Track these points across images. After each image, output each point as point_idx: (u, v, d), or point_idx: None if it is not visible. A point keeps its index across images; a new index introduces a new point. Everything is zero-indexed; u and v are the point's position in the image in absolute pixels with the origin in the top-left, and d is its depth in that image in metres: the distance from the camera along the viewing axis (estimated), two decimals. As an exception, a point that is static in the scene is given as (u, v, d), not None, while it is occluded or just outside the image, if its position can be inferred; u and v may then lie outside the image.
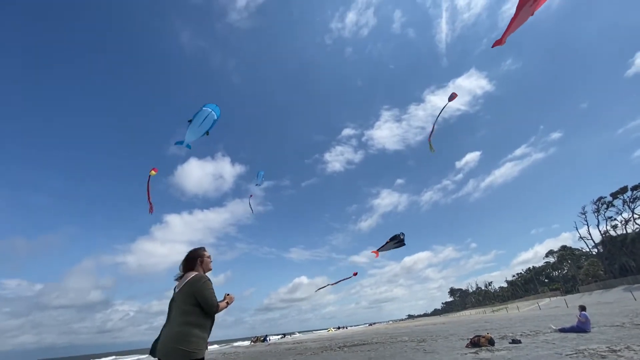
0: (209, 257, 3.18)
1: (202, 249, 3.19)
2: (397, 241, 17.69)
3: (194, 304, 2.71)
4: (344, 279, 22.55)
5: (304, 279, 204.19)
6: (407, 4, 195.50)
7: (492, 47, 9.02)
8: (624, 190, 56.58)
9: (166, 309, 2.94)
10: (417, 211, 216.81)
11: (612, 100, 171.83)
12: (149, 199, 14.14)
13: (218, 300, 2.94)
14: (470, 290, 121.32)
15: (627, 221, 57.70)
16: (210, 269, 3.19)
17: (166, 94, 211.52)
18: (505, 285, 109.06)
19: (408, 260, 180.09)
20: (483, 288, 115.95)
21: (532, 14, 7.67)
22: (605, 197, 59.30)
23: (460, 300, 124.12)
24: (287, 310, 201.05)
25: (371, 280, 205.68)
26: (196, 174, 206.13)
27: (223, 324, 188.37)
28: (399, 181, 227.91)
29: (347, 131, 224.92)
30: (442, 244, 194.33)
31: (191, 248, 3.13)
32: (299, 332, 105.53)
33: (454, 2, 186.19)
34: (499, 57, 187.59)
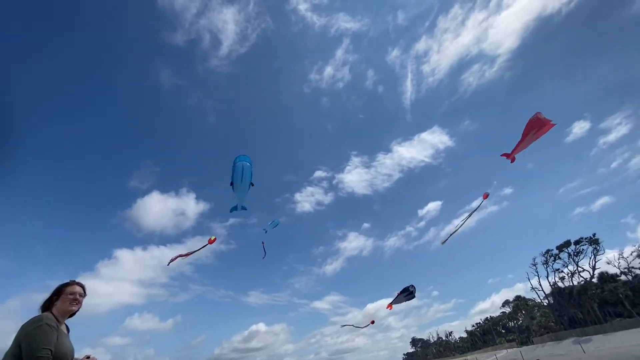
0: (72, 294, 2.42)
1: (68, 283, 2.49)
2: (407, 293, 17.62)
3: (17, 356, 1.98)
4: (366, 325, 22.08)
5: (261, 326, 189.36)
6: (379, 65, 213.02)
7: (501, 155, 11.23)
8: (567, 244, 61.02)
9: (101, 358, 2.37)
10: (382, 256, 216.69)
11: (553, 162, 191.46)
12: (181, 256, 14.27)
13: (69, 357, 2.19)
14: (432, 340, 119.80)
15: (573, 273, 61.51)
16: (70, 311, 2.42)
17: (135, 125, 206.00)
18: (465, 335, 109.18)
19: (371, 307, 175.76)
20: (444, 338, 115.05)
21: (535, 140, 9.96)
22: (552, 249, 63.43)
23: (422, 351, 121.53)
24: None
25: (333, 328, 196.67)
26: (156, 208, 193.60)
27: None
28: (366, 225, 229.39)
29: (319, 173, 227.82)
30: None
31: (140, 288, 2.53)
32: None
33: (420, 68, 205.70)
34: (458, 118, 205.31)
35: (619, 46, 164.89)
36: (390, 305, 18.34)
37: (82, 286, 2.56)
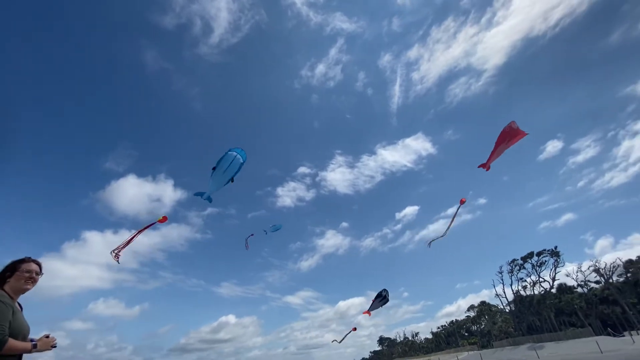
0: (28, 271, 2.33)
1: (23, 260, 2.39)
2: (381, 298, 18.35)
3: None
4: (349, 332, 22.59)
5: (231, 318, 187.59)
6: (371, 68, 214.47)
7: (478, 167, 11.64)
8: (531, 255, 64.13)
9: (60, 342, 2.30)
10: (357, 256, 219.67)
11: (526, 178, 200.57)
12: (125, 244, 11.04)
13: (27, 336, 2.15)
14: (398, 339, 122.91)
15: (534, 283, 64.76)
16: (25, 289, 2.36)
17: (115, 104, 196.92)
18: (430, 336, 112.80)
19: (343, 304, 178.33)
20: (410, 338, 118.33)
21: (508, 148, 10.33)
22: (518, 259, 66.47)
23: (388, 349, 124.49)
24: (207, 352, 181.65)
25: (303, 323, 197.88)
26: (131, 192, 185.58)
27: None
28: (344, 224, 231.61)
29: (302, 169, 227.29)
30: (376, 290, 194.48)
31: (107, 272, 2.39)
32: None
33: (410, 75, 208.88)
34: (442, 127, 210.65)
35: (595, 73, 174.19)
36: (368, 312, 19.10)
37: (39, 264, 2.44)
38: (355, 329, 23.02)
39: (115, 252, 10.81)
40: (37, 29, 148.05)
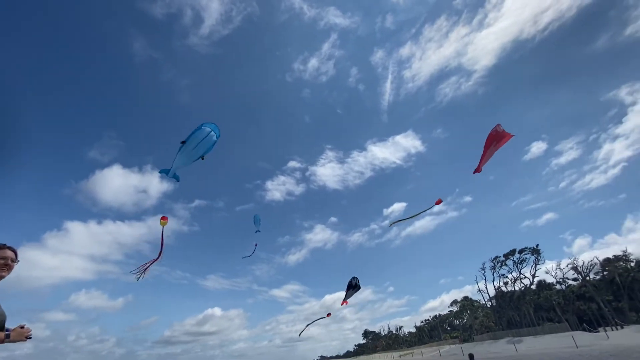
0: (3, 258, 2.24)
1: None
2: (353, 286, 18.41)
3: None
4: (318, 319, 22.45)
5: (217, 311, 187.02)
6: (363, 64, 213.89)
7: (473, 173, 11.71)
8: (513, 252, 65.94)
9: (40, 333, 2.18)
10: (344, 251, 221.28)
11: (511, 177, 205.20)
12: (149, 265, 10.31)
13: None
14: (383, 333, 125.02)
15: (515, 280, 66.68)
16: (0, 277, 2.27)
17: (101, 92, 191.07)
18: (414, 330, 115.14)
19: (329, 298, 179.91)
20: (394, 332, 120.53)
21: (497, 149, 10.44)
22: (500, 256, 68.24)
23: (372, 343, 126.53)
24: (192, 344, 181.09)
25: (289, 316, 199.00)
26: (116, 183, 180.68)
27: (109, 357, 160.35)
28: (333, 219, 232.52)
29: (292, 163, 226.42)
30: (363, 285, 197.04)
31: (90, 263, 2.27)
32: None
33: (401, 73, 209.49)
34: (432, 125, 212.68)
35: (580, 78, 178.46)
36: (345, 301, 19.16)
37: (14, 251, 2.31)
38: (329, 314, 23.18)
39: (138, 273, 10.22)
40: (21, 15, 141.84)
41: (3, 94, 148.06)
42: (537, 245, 63.01)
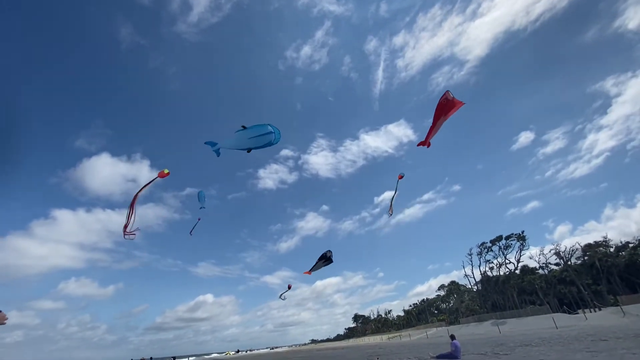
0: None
1: None
2: (325, 259, 18.36)
3: None
4: (285, 291, 22.92)
5: (209, 297, 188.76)
6: (356, 52, 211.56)
7: (417, 145, 11.29)
8: (499, 238, 67.68)
9: (29, 321, 2.13)
10: (335, 238, 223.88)
11: (499, 167, 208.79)
12: (129, 215, 10.34)
13: None
14: (372, 317, 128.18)
15: (500, 265, 68.70)
16: None
17: (87, 80, 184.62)
18: (402, 314, 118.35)
19: (320, 284, 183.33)
20: (383, 316, 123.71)
21: (446, 120, 9.86)
22: (487, 242, 69.98)
23: (362, 326, 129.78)
24: (184, 330, 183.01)
25: (281, 302, 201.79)
26: (105, 172, 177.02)
27: (101, 343, 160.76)
28: (325, 207, 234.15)
29: (285, 152, 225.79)
30: (353, 270, 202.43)
31: (80, 252, 2.22)
32: (194, 356, 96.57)
33: (395, 62, 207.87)
34: (423, 115, 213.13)
35: (568, 69, 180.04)
36: (309, 271, 19.25)
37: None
38: (290, 286, 23.87)
39: (126, 232, 10.45)
40: (4, 4, 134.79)
41: None
42: (522, 232, 64.82)
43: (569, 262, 59.87)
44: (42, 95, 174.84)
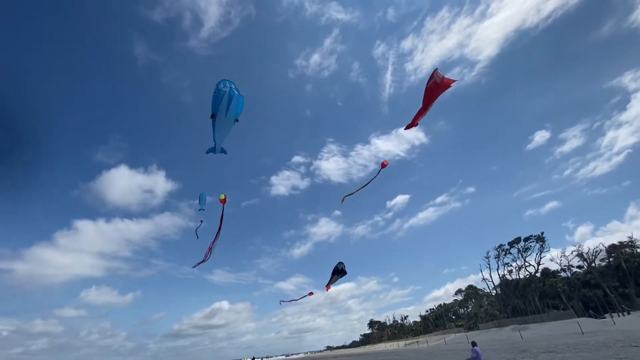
0: None
1: None
2: (339, 272, 18.39)
3: None
4: (303, 297, 23.25)
5: (224, 304, 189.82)
6: (365, 58, 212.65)
7: (405, 129, 10.74)
8: (517, 240, 65.71)
9: (53, 329, 2.01)
10: (347, 243, 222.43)
11: (514, 167, 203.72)
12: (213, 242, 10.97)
13: None
14: (388, 323, 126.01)
15: (520, 268, 66.58)
16: None
17: (105, 97, 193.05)
18: (418, 319, 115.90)
19: (334, 290, 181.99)
20: (399, 321, 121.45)
21: (436, 98, 9.06)
22: (504, 245, 68.03)
23: (378, 332, 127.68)
24: (200, 337, 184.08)
25: (295, 308, 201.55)
26: (123, 183, 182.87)
27: (120, 350, 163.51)
28: (337, 212, 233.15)
29: (297, 158, 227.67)
30: (367, 276, 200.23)
31: (100, 260, 2.05)
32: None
33: (404, 66, 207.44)
34: (435, 117, 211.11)
35: (583, 65, 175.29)
36: (328, 286, 19.28)
37: None
38: (311, 293, 23.80)
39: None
40: (28, 24, 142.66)
41: (14, 101, 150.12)
42: (542, 233, 62.77)
43: (593, 264, 57.50)
44: (64, 113, 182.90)
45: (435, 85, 8.43)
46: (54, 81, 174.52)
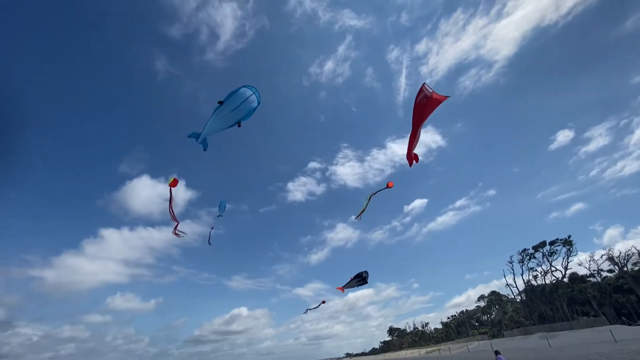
0: None
1: None
2: (360, 279, 18.42)
3: None
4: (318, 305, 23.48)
5: (243, 310, 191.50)
6: (379, 63, 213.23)
7: (410, 167, 10.29)
8: (543, 244, 63.34)
9: (80, 334, 2.24)
10: (364, 249, 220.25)
11: (536, 168, 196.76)
12: (172, 216, 12.76)
13: None
14: (408, 330, 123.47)
15: (545, 272, 64.10)
16: None
17: (128, 111, 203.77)
18: (440, 326, 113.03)
19: (352, 296, 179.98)
20: (420, 328, 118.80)
21: (427, 118, 8.59)
22: (528, 249, 65.75)
23: (398, 340, 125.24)
24: (220, 343, 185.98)
25: (313, 315, 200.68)
26: (145, 193, 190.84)
27: (144, 355, 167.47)
28: (354, 217, 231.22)
29: (313, 164, 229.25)
30: (386, 282, 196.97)
31: (124, 268, 2.26)
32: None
33: (418, 69, 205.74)
34: (452, 120, 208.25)
35: (607, 61, 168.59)
36: (342, 288, 19.22)
37: None
38: (324, 301, 23.88)
39: (175, 231, 12.73)
40: (59, 46, 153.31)
41: (45, 119, 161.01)
42: (569, 236, 60.31)
43: (625, 268, 54.74)
44: (90, 127, 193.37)
45: (427, 100, 7.95)
46: (83, 99, 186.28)
